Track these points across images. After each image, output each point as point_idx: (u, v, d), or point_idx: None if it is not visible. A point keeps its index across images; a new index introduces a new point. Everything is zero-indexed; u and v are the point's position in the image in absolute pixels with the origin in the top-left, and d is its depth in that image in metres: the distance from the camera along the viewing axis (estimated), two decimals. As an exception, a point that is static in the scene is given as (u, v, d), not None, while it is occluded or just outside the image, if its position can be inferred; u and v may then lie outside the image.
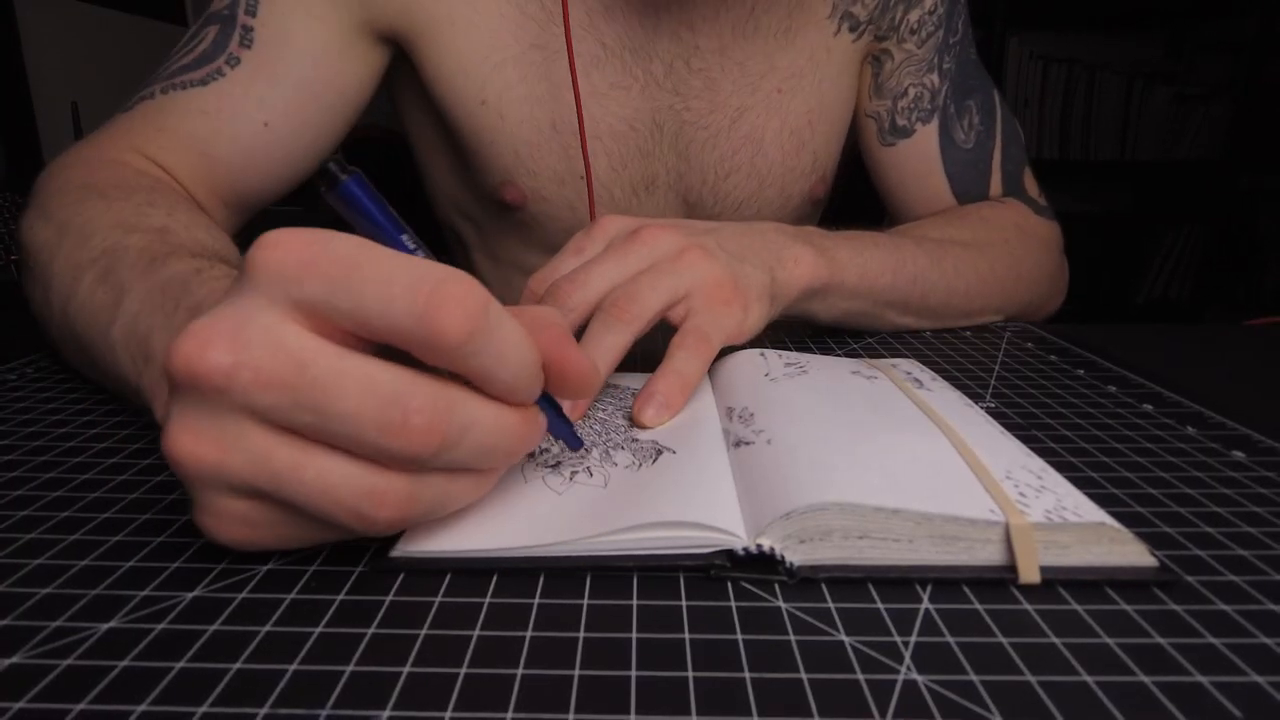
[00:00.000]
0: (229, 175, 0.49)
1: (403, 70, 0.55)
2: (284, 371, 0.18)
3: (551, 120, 0.52)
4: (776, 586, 0.22)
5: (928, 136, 0.60)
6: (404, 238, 0.22)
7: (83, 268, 0.33)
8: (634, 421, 0.31)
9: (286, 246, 0.18)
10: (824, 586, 0.22)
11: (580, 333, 0.34)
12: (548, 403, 0.25)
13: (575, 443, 0.27)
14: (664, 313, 0.35)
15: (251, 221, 0.53)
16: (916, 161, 0.60)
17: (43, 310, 0.37)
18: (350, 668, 0.18)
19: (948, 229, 0.53)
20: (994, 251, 0.52)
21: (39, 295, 0.37)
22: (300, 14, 0.48)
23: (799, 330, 0.49)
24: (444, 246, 0.71)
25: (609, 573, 0.22)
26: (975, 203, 0.60)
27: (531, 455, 0.28)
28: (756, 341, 0.40)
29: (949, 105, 0.59)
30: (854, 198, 0.69)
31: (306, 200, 1.59)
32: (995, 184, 0.60)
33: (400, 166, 0.66)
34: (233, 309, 0.19)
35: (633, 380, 0.36)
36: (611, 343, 0.32)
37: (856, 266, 0.44)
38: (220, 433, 0.19)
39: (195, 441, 0.19)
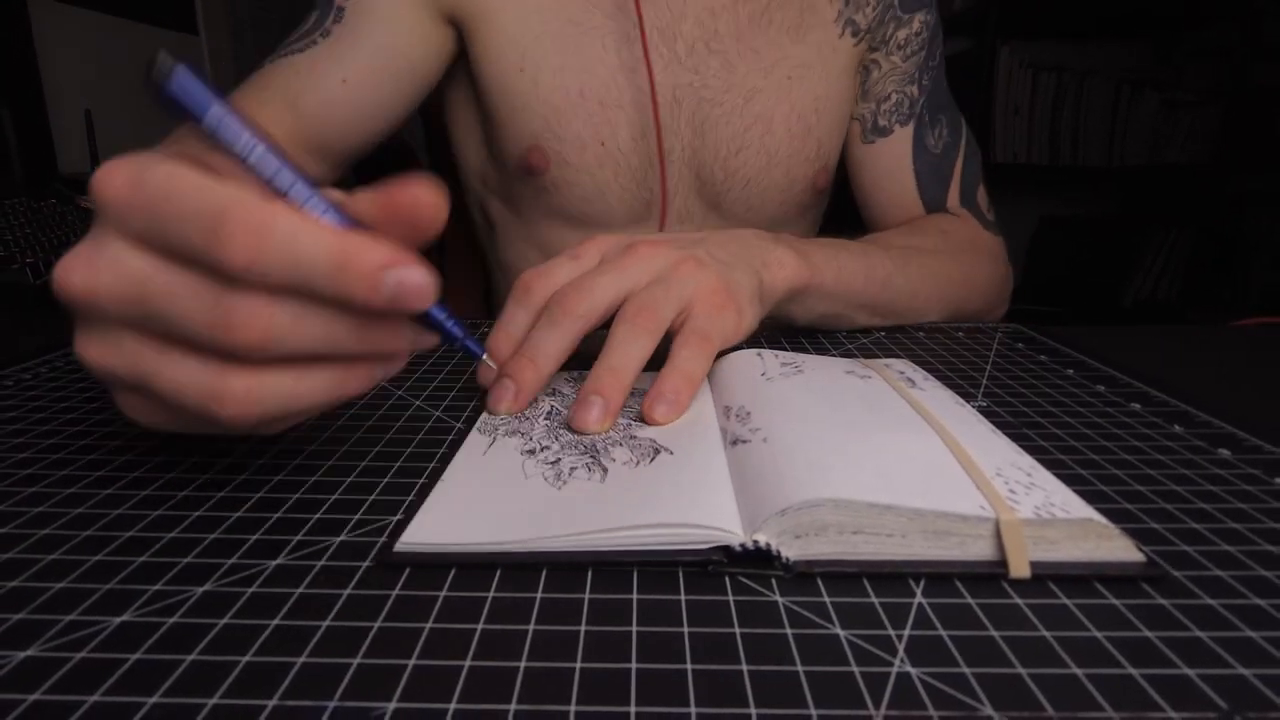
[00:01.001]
0: (313, 126, 0.56)
1: (456, 63, 0.61)
2: (127, 290, 0.20)
3: (580, 88, 0.57)
4: (773, 581, 0.22)
5: (903, 137, 0.65)
6: (244, 138, 0.22)
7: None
8: (645, 420, 0.31)
9: (109, 181, 0.21)
10: (819, 581, 0.22)
11: (587, 341, 0.34)
12: (440, 310, 0.26)
13: (478, 350, 0.29)
14: (674, 321, 0.35)
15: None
16: (890, 159, 0.65)
17: None
18: (357, 660, 0.18)
19: (911, 239, 0.57)
20: (950, 261, 0.56)
21: None
22: None
23: (796, 330, 0.49)
24: (475, 234, 0.74)
25: (610, 568, 0.22)
26: (935, 215, 0.65)
27: (532, 452, 0.28)
28: (753, 341, 0.40)
29: (924, 113, 0.65)
30: (842, 209, 0.72)
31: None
32: (954, 192, 0.65)
33: (406, 170, 0.67)
34: (91, 239, 0.21)
35: None
36: (638, 351, 0.33)
37: (833, 270, 0.45)
38: (104, 340, 0.22)
39: (86, 346, 0.22)
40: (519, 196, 0.64)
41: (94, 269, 0.21)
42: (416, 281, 0.21)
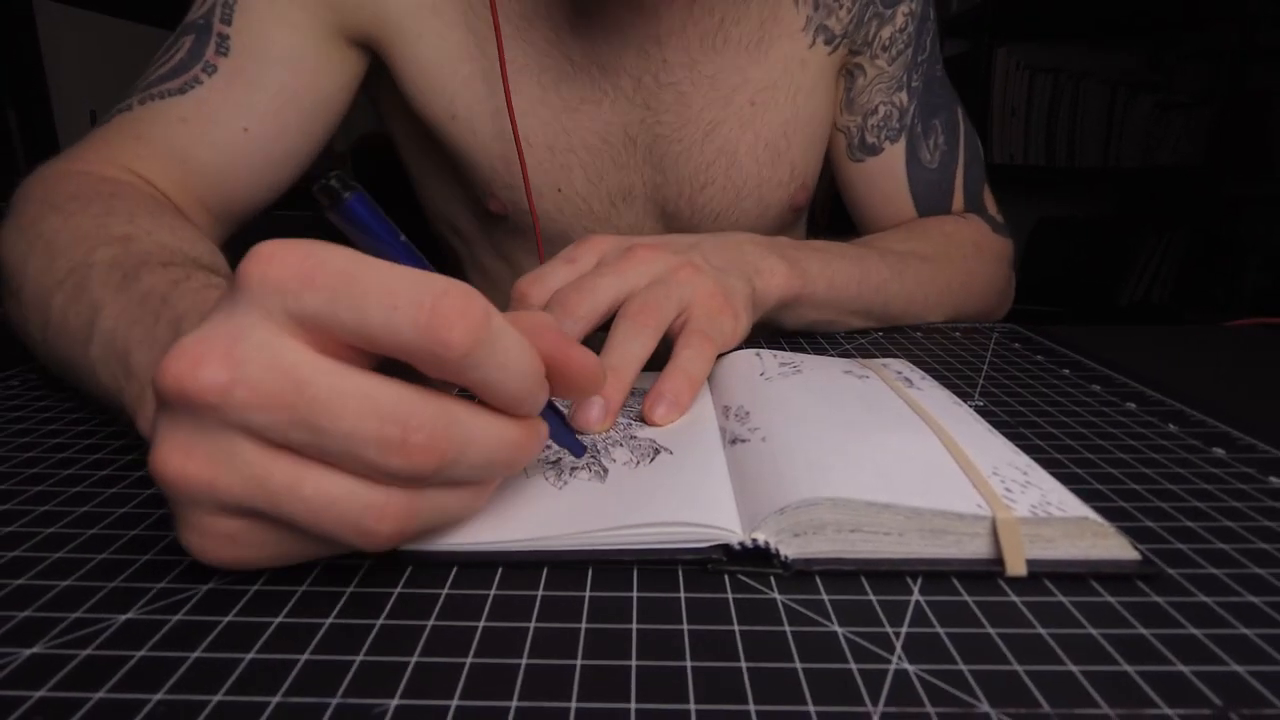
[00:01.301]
0: (211, 182, 0.47)
1: (383, 78, 0.54)
2: (281, 390, 0.17)
3: (523, 134, 0.51)
4: (772, 579, 0.22)
5: (895, 156, 0.60)
6: (407, 253, 0.21)
7: (51, 290, 0.32)
8: (645, 420, 0.31)
9: (282, 259, 0.17)
10: (818, 579, 0.22)
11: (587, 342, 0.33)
12: (551, 410, 0.24)
13: (579, 449, 0.27)
14: (674, 323, 0.35)
15: (259, 228, 0.53)
16: (883, 179, 0.61)
17: (23, 330, 0.36)
18: (360, 658, 0.18)
19: (911, 242, 0.54)
20: (951, 267, 0.53)
21: (18, 315, 0.36)
22: (275, 20, 0.47)
23: (794, 332, 0.49)
24: (440, 259, 0.70)
25: (610, 566, 0.22)
26: (940, 216, 0.60)
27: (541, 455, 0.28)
28: (751, 343, 0.40)
29: (916, 125, 0.59)
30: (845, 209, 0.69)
31: (314, 206, 1.60)
32: (958, 201, 0.61)
33: (404, 175, 0.66)
34: (226, 323, 0.18)
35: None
36: (638, 349, 0.32)
37: (825, 279, 0.44)
38: (213, 451, 0.18)
39: (186, 460, 0.18)
40: (483, 233, 0.60)
41: (236, 359, 0.17)
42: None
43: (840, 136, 0.61)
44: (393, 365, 0.19)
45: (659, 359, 0.33)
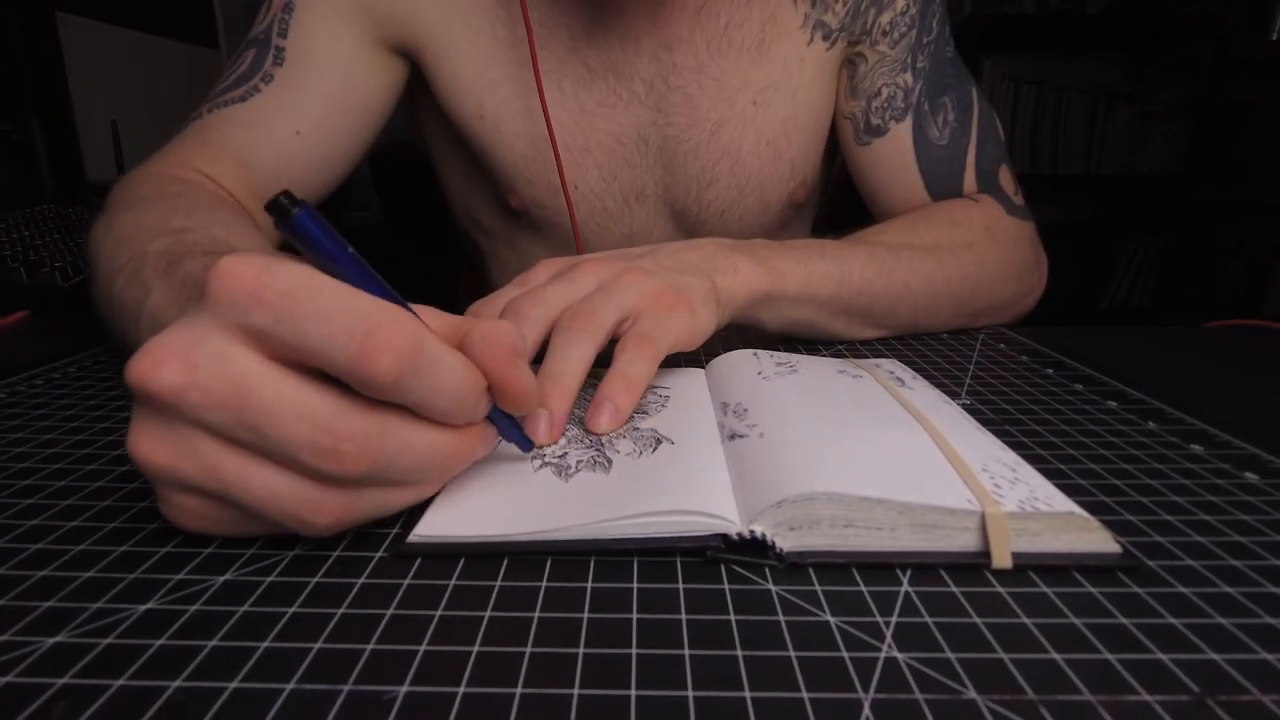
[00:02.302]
0: (269, 180, 0.50)
1: (421, 84, 0.56)
2: (228, 394, 0.18)
3: (545, 134, 0.53)
4: (767, 570, 0.22)
5: (902, 134, 0.56)
6: (355, 265, 0.21)
7: (115, 274, 0.34)
8: (588, 430, 0.29)
9: (238, 275, 0.19)
10: (811, 571, 0.22)
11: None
12: (498, 411, 0.24)
13: (526, 445, 0.26)
14: (616, 328, 0.33)
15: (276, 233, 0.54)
16: (891, 159, 0.57)
17: (98, 308, 0.38)
18: (371, 646, 0.18)
19: (909, 234, 0.50)
20: (955, 257, 0.49)
21: (95, 299, 0.38)
22: (323, 32, 0.50)
23: (785, 341, 0.48)
24: (465, 253, 0.71)
25: (611, 557, 0.22)
26: (949, 201, 0.56)
27: (541, 450, 0.28)
28: (743, 348, 0.40)
29: (923, 103, 0.56)
30: (854, 201, 0.65)
31: (330, 210, 1.60)
32: (969, 181, 0.57)
33: (425, 179, 0.66)
34: (186, 330, 0.19)
35: None
36: (577, 355, 0.31)
37: (799, 276, 0.42)
38: (173, 440, 0.19)
39: (152, 446, 0.19)
40: (504, 228, 0.61)
41: (190, 363, 0.18)
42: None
43: (847, 124, 0.58)
44: None
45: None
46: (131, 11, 1.50)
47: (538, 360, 0.32)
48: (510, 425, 0.25)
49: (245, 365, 0.19)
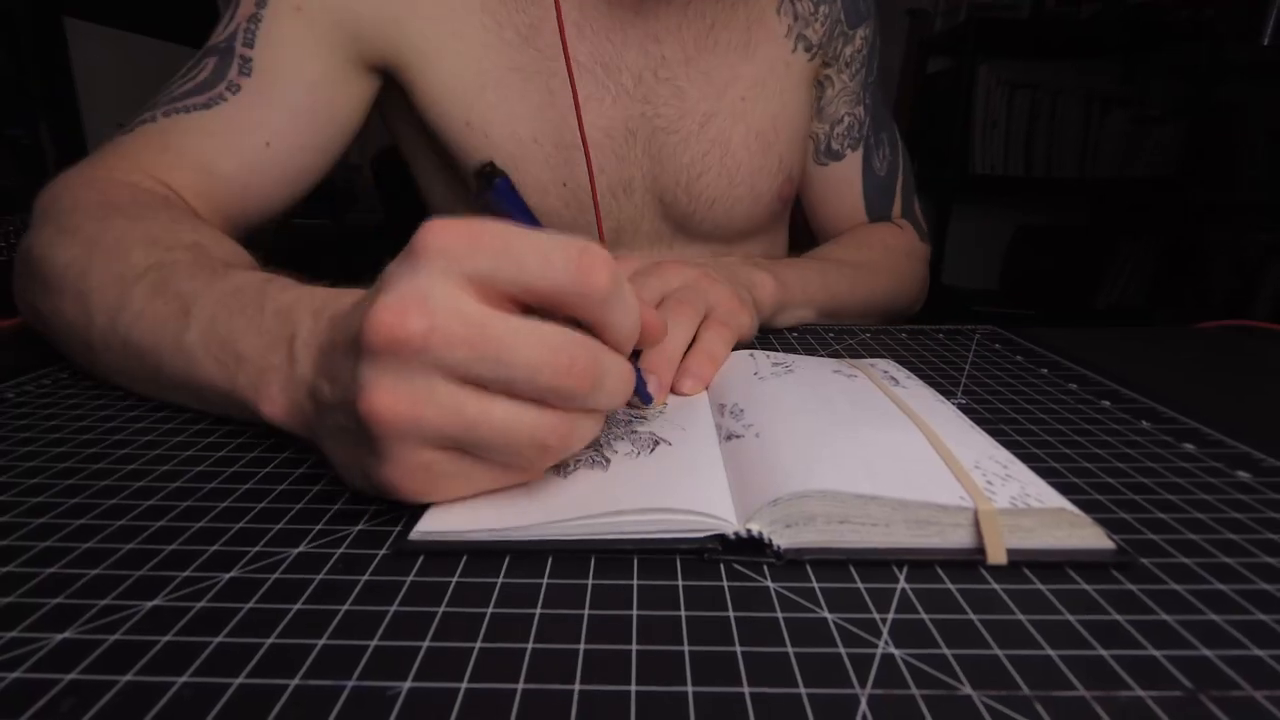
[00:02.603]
0: (233, 192, 0.48)
1: (393, 96, 0.55)
2: (469, 332, 0.20)
3: (532, 135, 0.53)
4: (765, 568, 0.22)
5: (854, 162, 0.65)
6: (537, 225, 0.24)
7: (129, 281, 0.32)
8: (674, 391, 0.34)
9: (453, 229, 0.21)
10: (808, 567, 0.22)
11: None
12: (633, 362, 0.27)
13: (647, 397, 0.30)
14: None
15: (281, 235, 0.53)
16: (843, 183, 0.66)
17: (77, 323, 0.35)
18: (374, 643, 0.18)
19: (855, 253, 0.61)
20: (890, 273, 0.62)
21: (70, 310, 0.35)
22: (296, 47, 0.48)
23: (785, 333, 0.49)
24: None
25: (612, 555, 0.22)
26: (880, 224, 0.67)
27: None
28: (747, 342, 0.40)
29: (870, 136, 0.65)
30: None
31: (336, 213, 1.59)
32: (897, 208, 0.68)
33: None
34: (413, 283, 0.20)
35: None
36: (680, 335, 0.36)
37: (801, 287, 0.51)
38: (413, 390, 0.20)
39: (394, 399, 0.20)
40: None
41: (429, 310, 0.20)
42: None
43: (809, 142, 0.65)
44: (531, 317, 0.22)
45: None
46: (138, 16, 1.50)
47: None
48: (640, 380, 0.29)
49: (475, 307, 0.20)
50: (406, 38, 0.50)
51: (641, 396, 0.30)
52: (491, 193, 0.25)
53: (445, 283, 0.20)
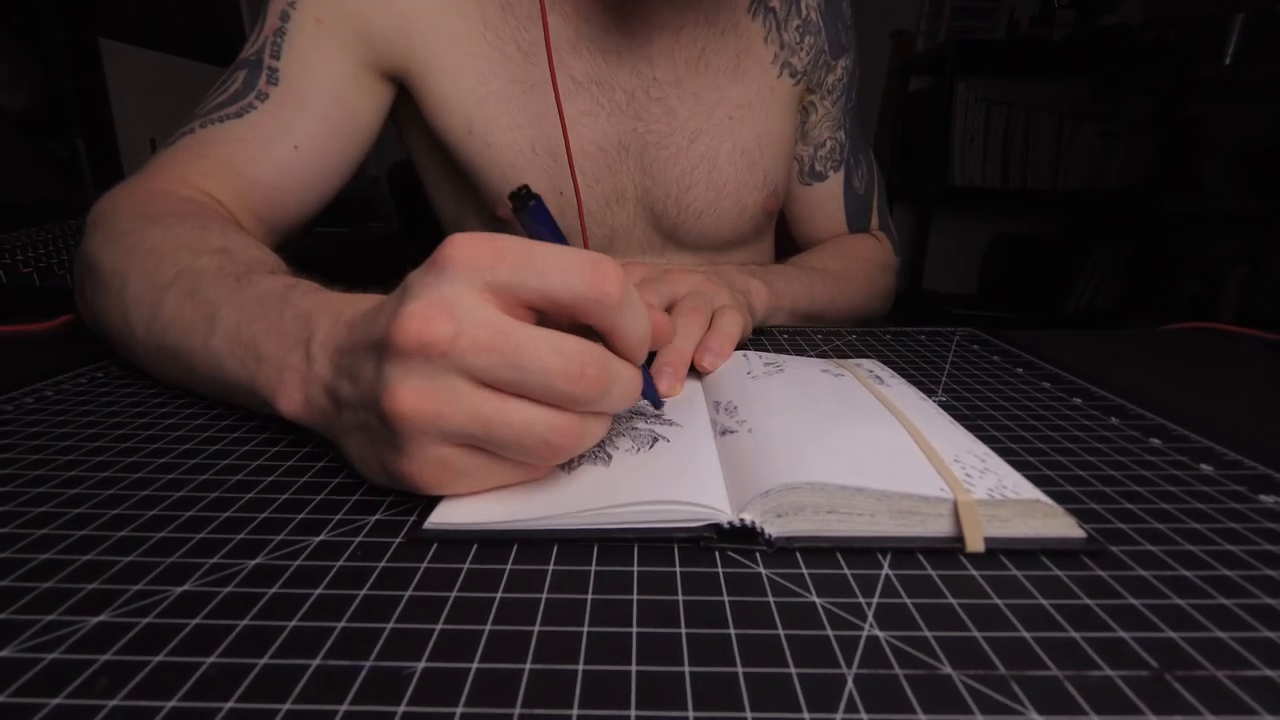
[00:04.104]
0: (265, 194, 0.49)
1: (406, 107, 0.55)
2: (492, 339, 0.20)
3: (531, 145, 0.53)
4: (757, 555, 0.22)
5: (836, 182, 0.67)
6: (564, 241, 0.25)
7: (162, 289, 0.33)
8: (695, 366, 0.35)
9: (476, 243, 0.21)
10: (798, 555, 0.22)
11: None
12: (643, 370, 0.27)
13: (658, 402, 0.30)
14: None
15: (304, 245, 0.53)
16: (825, 200, 0.68)
17: (119, 325, 0.36)
18: (390, 625, 0.18)
19: (837, 262, 0.62)
20: (866, 282, 0.64)
21: (114, 313, 0.36)
22: (318, 55, 0.49)
23: (776, 334, 0.49)
24: None
25: (613, 543, 0.22)
26: (857, 235, 0.69)
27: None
28: (741, 344, 0.40)
29: (850, 158, 0.67)
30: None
31: (355, 222, 1.59)
32: (874, 221, 0.70)
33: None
34: (439, 292, 0.20)
35: None
36: (696, 334, 0.37)
37: (790, 294, 0.53)
38: (436, 390, 0.20)
39: (418, 398, 0.20)
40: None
41: (455, 317, 0.20)
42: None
43: (794, 164, 0.66)
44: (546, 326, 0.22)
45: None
46: (168, 37, 1.50)
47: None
48: (647, 383, 0.29)
49: (498, 316, 0.21)
50: (414, 48, 0.51)
51: (652, 401, 0.30)
52: (527, 213, 0.26)
53: (470, 291, 0.21)
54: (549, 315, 0.23)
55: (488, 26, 0.51)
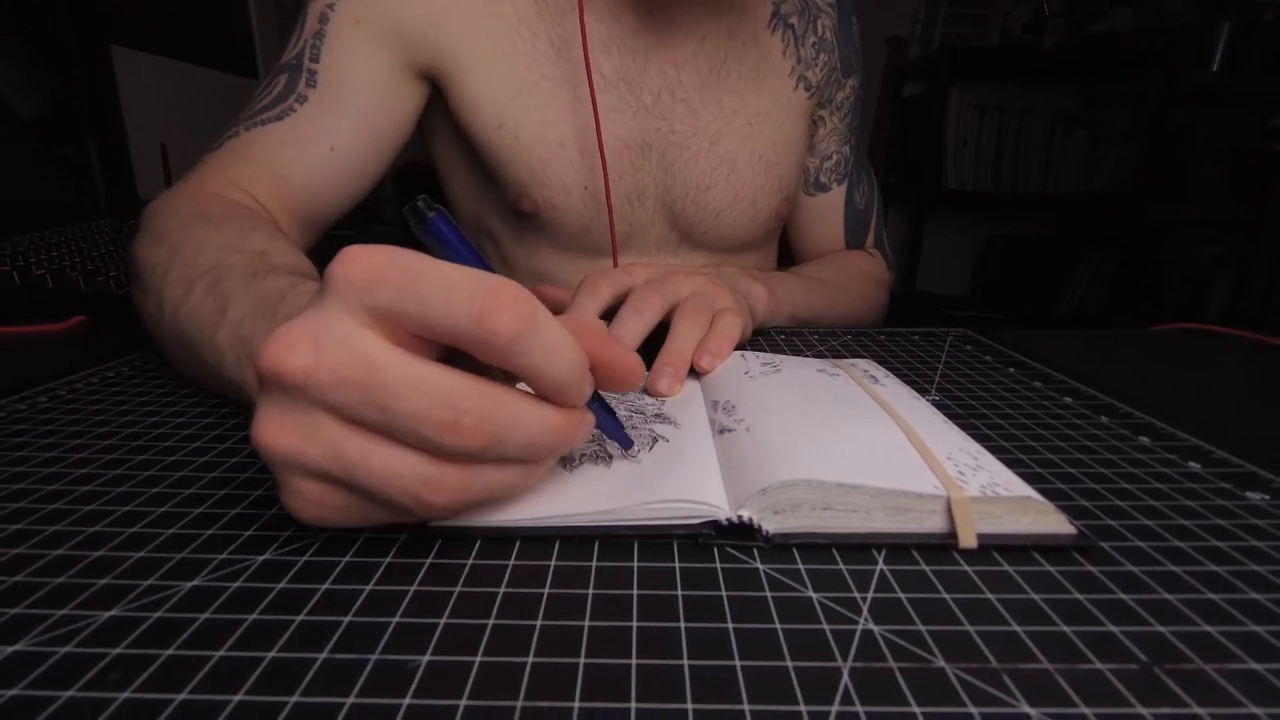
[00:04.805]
0: (303, 195, 0.49)
1: (432, 101, 0.56)
2: (355, 373, 0.17)
3: (560, 139, 0.53)
4: (755, 551, 0.22)
5: (839, 195, 0.68)
6: (479, 261, 0.21)
7: (194, 280, 0.33)
8: (694, 366, 0.35)
9: (361, 259, 0.18)
10: (795, 550, 0.22)
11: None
12: (599, 404, 0.24)
13: (626, 442, 0.26)
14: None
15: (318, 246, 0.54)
16: (827, 211, 0.69)
17: (154, 316, 0.36)
18: (396, 619, 0.18)
19: (834, 274, 0.63)
20: (860, 295, 0.64)
21: (151, 305, 0.36)
22: (356, 57, 0.49)
23: (773, 335, 0.49)
24: None
25: (614, 539, 0.22)
26: (854, 251, 0.70)
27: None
28: (739, 344, 0.40)
29: (853, 173, 0.68)
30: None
31: (359, 224, 1.59)
32: (870, 238, 0.71)
33: (441, 196, 0.66)
34: (314, 316, 0.18)
35: None
36: (697, 335, 0.37)
37: (789, 299, 0.53)
38: (299, 424, 0.18)
39: (279, 431, 0.18)
40: (512, 232, 0.61)
41: (319, 345, 0.17)
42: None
43: (801, 173, 0.67)
44: (458, 358, 0.19)
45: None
46: (179, 44, 1.50)
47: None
48: (609, 419, 0.25)
49: (370, 346, 0.18)
50: (450, 46, 0.51)
51: (620, 442, 0.26)
52: (425, 228, 0.21)
53: (343, 317, 0.18)
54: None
55: (522, 23, 0.52)
